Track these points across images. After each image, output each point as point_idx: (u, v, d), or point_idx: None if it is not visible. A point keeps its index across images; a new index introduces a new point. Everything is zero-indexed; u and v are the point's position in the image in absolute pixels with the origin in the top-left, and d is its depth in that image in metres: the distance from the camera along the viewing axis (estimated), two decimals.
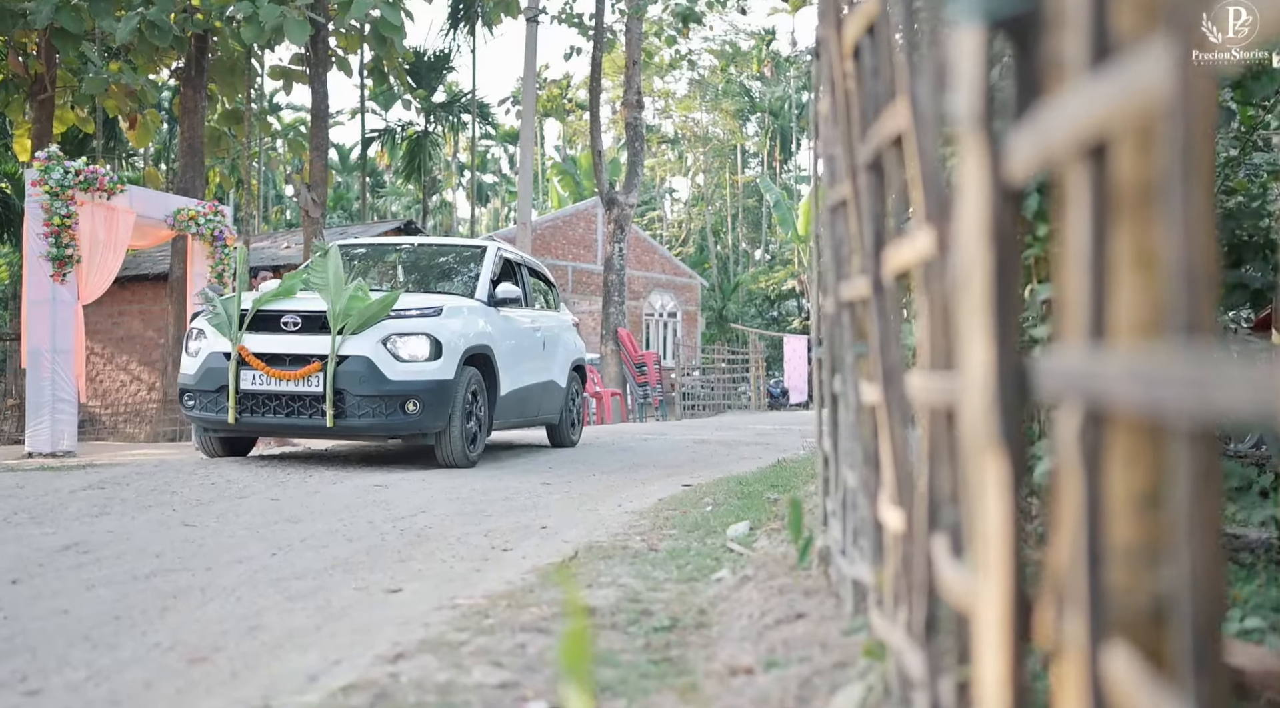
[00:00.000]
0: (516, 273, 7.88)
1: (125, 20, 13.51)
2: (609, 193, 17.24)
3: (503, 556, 3.37)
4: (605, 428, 13.23)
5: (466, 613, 2.39)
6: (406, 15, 14.80)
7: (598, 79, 16.96)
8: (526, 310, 7.68)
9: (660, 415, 17.67)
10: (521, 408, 7.43)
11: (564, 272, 26.91)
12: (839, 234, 1.56)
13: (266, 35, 13.17)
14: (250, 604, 2.58)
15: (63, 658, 2.04)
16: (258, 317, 6.20)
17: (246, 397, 6.05)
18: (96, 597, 2.61)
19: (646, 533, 3.65)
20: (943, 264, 0.85)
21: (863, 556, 1.58)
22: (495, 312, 6.93)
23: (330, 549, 3.43)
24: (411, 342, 6.02)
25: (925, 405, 0.94)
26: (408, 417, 5.96)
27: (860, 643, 1.56)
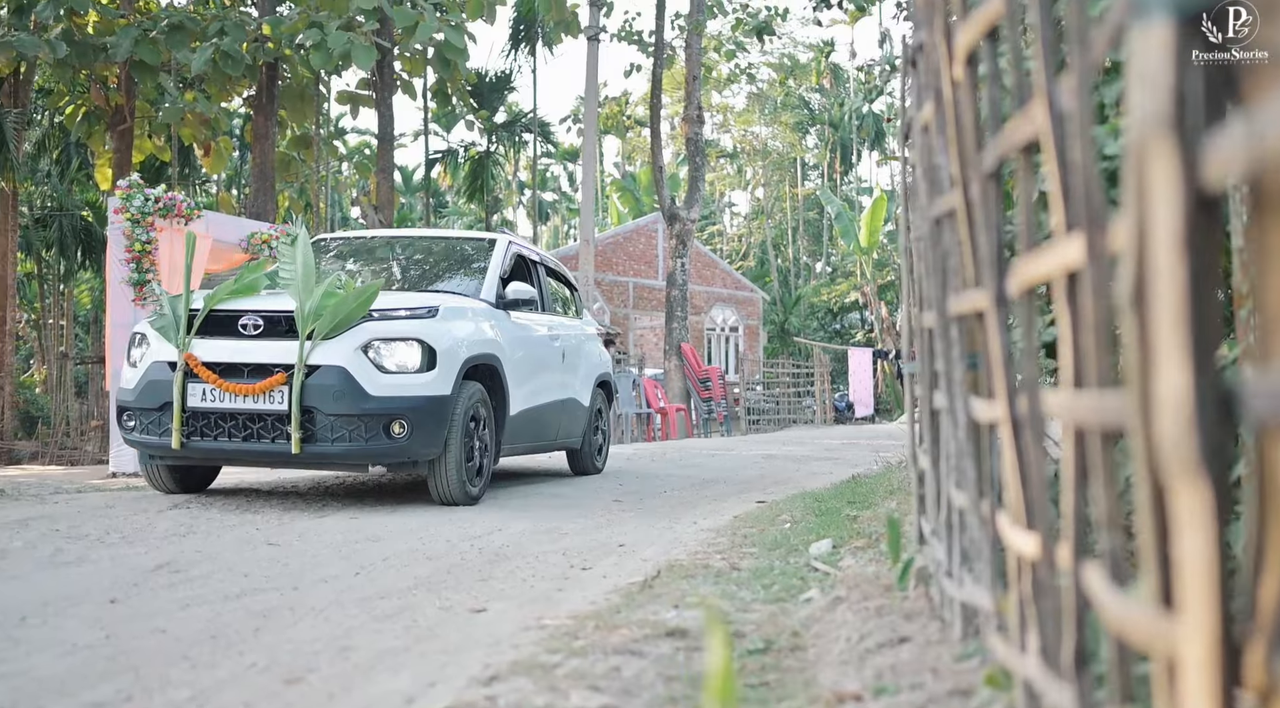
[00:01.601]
0: (532, 272, 6.75)
1: (200, 51, 13.93)
2: (670, 208, 17.25)
3: (582, 574, 3.35)
4: (671, 444, 13.18)
5: (554, 634, 2.37)
6: (469, 38, 15.02)
7: (658, 95, 17.01)
8: (543, 316, 6.66)
9: (725, 431, 17.58)
10: (537, 430, 6.26)
11: (625, 288, 26.99)
12: (945, 246, 1.51)
13: (334, 61, 13.48)
14: (339, 624, 2.59)
15: (164, 678, 2.06)
16: (211, 319, 5.09)
17: (195, 416, 4.92)
18: (191, 616, 2.64)
19: (726, 551, 3.60)
20: (1096, 275, 0.80)
21: (975, 579, 1.52)
22: (505, 315, 5.87)
23: (412, 568, 3.45)
24: (399, 349, 4.93)
25: (1072, 424, 0.89)
26: (393, 441, 4.82)
27: (976, 670, 1.50)
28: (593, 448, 7.38)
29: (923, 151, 1.71)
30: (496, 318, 5.76)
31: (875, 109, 34.61)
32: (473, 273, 6.18)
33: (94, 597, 2.86)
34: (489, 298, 5.85)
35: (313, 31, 13.39)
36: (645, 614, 2.47)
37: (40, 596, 2.88)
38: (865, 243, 26.26)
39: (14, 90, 17.23)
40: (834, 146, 35.14)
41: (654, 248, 27.93)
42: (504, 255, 6.27)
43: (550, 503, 5.48)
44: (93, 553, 3.60)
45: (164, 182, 19.31)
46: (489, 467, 5.52)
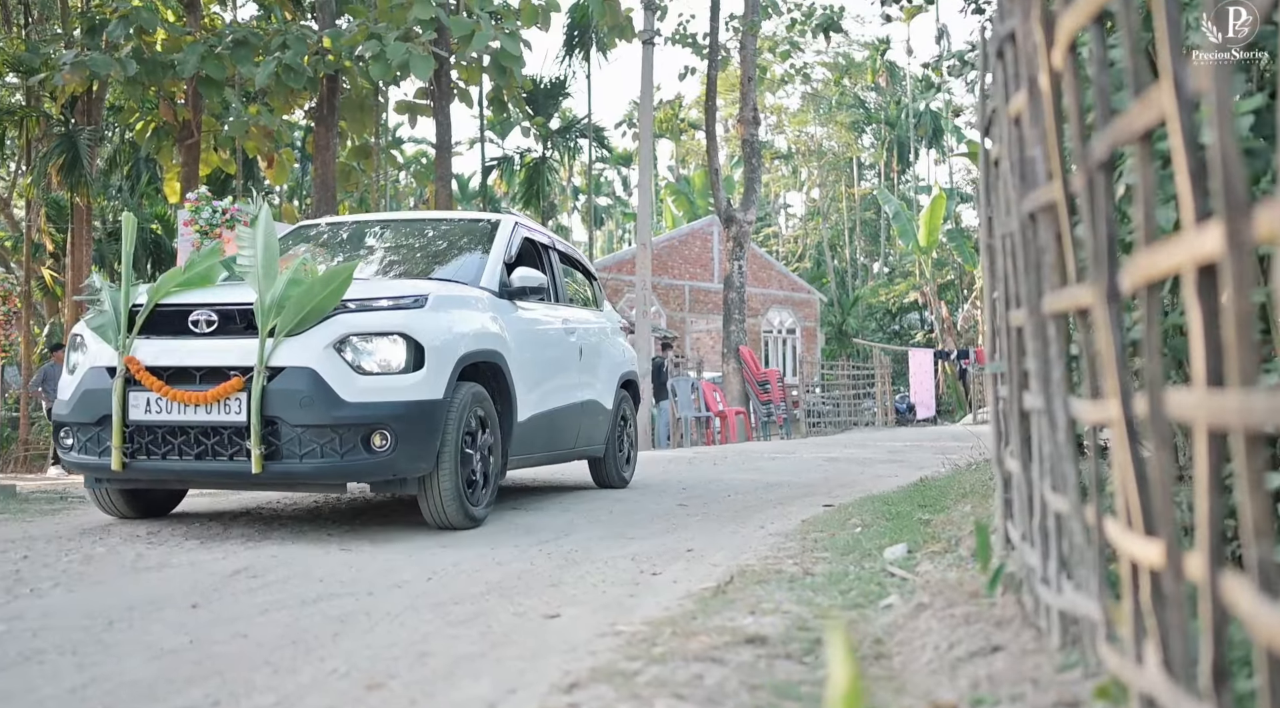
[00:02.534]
0: (543, 257, 6.01)
1: (264, 65, 14.23)
2: (727, 210, 17.18)
3: (653, 580, 3.32)
4: (731, 447, 13.12)
5: (631, 640, 2.35)
6: (525, 45, 15.13)
7: (713, 97, 16.96)
8: (557, 307, 5.89)
9: (785, 433, 17.44)
10: (551, 437, 5.51)
11: (681, 291, 26.97)
12: (1041, 242, 1.46)
13: (393, 72, 13.66)
14: (415, 630, 2.60)
15: (249, 682, 2.08)
16: (157, 315, 4.31)
17: (139, 431, 4.12)
18: (271, 621, 2.67)
19: (797, 556, 3.55)
20: (1237, 266, 0.76)
21: (1077, 586, 1.47)
22: (510, 306, 5.13)
23: (482, 574, 3.46)
24: (379, 345, 4.15)
25: (1206, 426, 0.84)
26: (373, 455, 4.05)
27: (1081, 681, 1.44)
28: (618, 457, 6.60)
29: (1011, 144, 1.66)
30: (500, 309, 4.99)
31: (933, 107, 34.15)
32: (474, 258, 5.32)
33: (176, 602, 2.90)
34: (491, 286, 5.05)
35: (372, 43, 13.59)
36: (722, 621, 2.44)
37: (125, 600, 2.94)
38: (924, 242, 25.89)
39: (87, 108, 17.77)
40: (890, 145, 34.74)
41: (709, 251, 27.87)
42: (509, 238, 5.46)
43: (615, 508, 5.47)
44: (173, 558, 3.67)
45: (229, 194, 19.76)
46: (494, 481, 4.73)
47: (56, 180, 17.59)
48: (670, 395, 14.92)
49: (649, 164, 14.74)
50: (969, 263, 26.38)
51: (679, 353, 22.46)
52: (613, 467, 6.58)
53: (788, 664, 2.03)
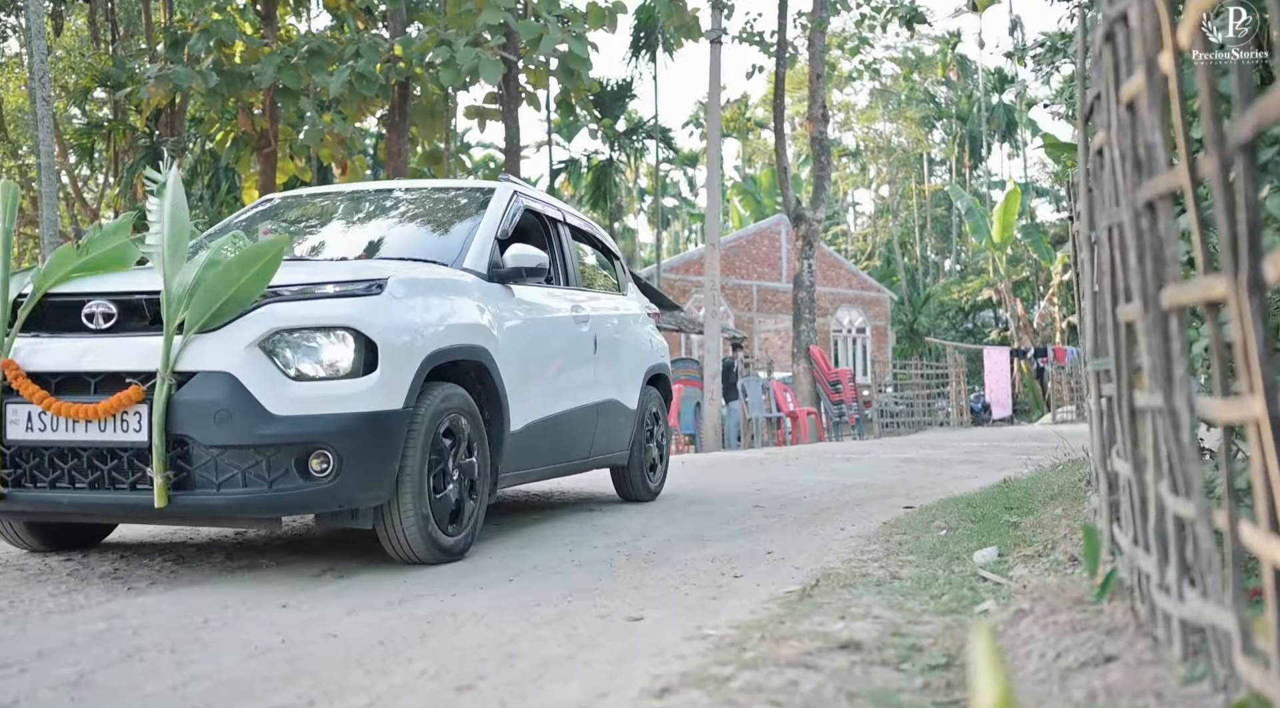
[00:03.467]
0: (552, 233, 5.17)
1: (338, 74, 14.51)
2: (796, 209, 17.03)
3: (735, 582, 3.29)
4: (803, 448, 12.98)
5: (719, 644, 2.31)
6: (592, 47, 15.19)
7: (781, 95, 16.83)
8: (566, 291, 5.03)
9: (857, 434, 17.22)
10: (556, 446, 4.69)
11: (748, 291, 26.82)
12: (1162, 231, 1.39)
13: (463, 77, 13.82)
14: (500, 631, 2.60)
15: (341, 683, 2.10)
16: (46, 307, 3.43)
17: (21, 453, 3.28)
18: (358, 622, 2.70)
19: (882, 559, 3.48)
20: None
21: (1204, 595, 1.39)
22: (502, 291, 4.26)
23: (563, 575, 3.46)
24: (320, 343, 3.28)
25: None
26: (311, 483, 3.20)
27: (1210, 695, 1.37)
28: (643, 465, 5.71)
29: (1122, 131, 1.59)
30: (488, 295, 4.11)
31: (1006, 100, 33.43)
32: (458, 234, 4.46)
33: (267, 602, 2.95)
34: (477, 267, 4.16)
35: (442, 49, 13.77)
36: (811, 625, 2.39)
37: (219, 599, 2.99)
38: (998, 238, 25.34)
39: (170, 120, 18.34)
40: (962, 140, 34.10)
41: (777, 250, 27.67)
42: (504, 210, 4.57)
43: (690, 510, 5.44)
44: (261, 559, 3.73)
45: None
46: (479, 504, 3.85)
47: (142, 191, 18.19)
48: (741, 396, 14.83)
49: (717, 164, 14.67)
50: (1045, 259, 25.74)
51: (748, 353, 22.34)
52: (638, 476, 5.68)
53: (884, 671, 1.97)
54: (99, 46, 19.88)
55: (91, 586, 3.26)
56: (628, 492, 5.76)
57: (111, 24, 20.01)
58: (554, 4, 14.92)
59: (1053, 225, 28.76)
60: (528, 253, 4.26)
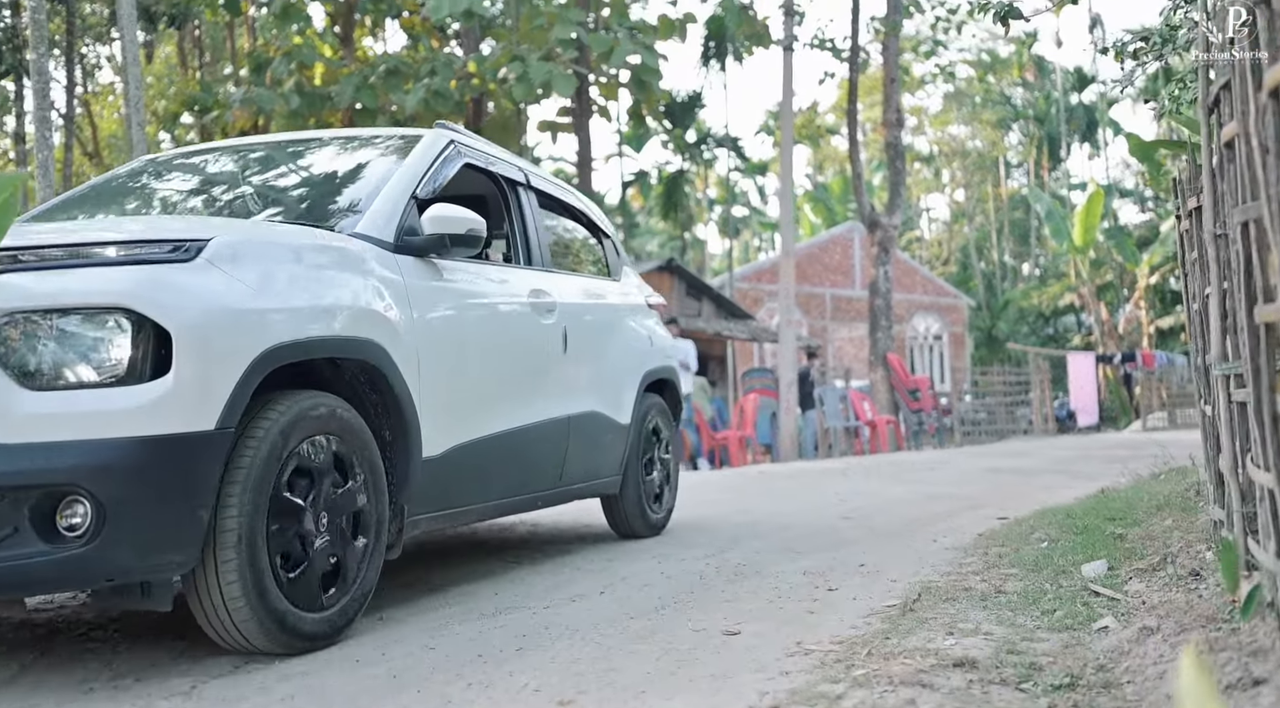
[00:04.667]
0: (509, 200, 3.99)
1: (413, 92, 14.77)
2: (871, 215, 16.80)
3: (830, 595, 3.21)
4: (882, 457, 12.76)
5: (824, 661, 2.25)
6: (662, 58, 15.21)
7: (854, 101, 16.65)
8: (524, 272, 3.86)
9: (937, 443, 16.87)
10: (502, 476, 3.55)
11: (821, 299, 26.55)
12: None
13: (535, 91, 13.96)
14: (595, 645, 2.57)
15: (444, 696, 2.09)
16: None
17: None
18: (455, 634, 2.70)
19: (982, 572, 3.36)
20: None
21: None
22: (418, 267, 3.17)
23: (654, 588, 3.42)
24: (79, 331, 2.22)
25: None
26: (61, 546, 2.12)
27: None
28: (644, 493, 4.58)
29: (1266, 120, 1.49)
30: (393, 270, 3.00)
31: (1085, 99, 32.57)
32: (357, 192, 3.36)
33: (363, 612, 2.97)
34: (378, 232, 3.07)
35: (515, 64, 13.93)
36: (919, 642, 2.31)
37: None
38: (1080, 241, 24.66)
39: None
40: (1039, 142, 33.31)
41: (850, 257, 27.35)
42: (432, 163, 3.45)
43: (773, 521, 5.36)
44: None
45: None
46: (369, 566, 2.77)
47: None
48: (818, 405, 14.65)
49: (790, 171, 14.55)
50: (1130, 261, 24.95)
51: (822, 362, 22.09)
52: (634, 506, 4.52)
53: (1005, 691, 1.89)
54: (187, 72, 20.58)
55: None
56: (622, 525, 4.58)
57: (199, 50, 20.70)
58: (625, 17, 14.98)
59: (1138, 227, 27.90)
60: (453, 215, 3.14)
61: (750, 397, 14.65)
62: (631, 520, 4.59)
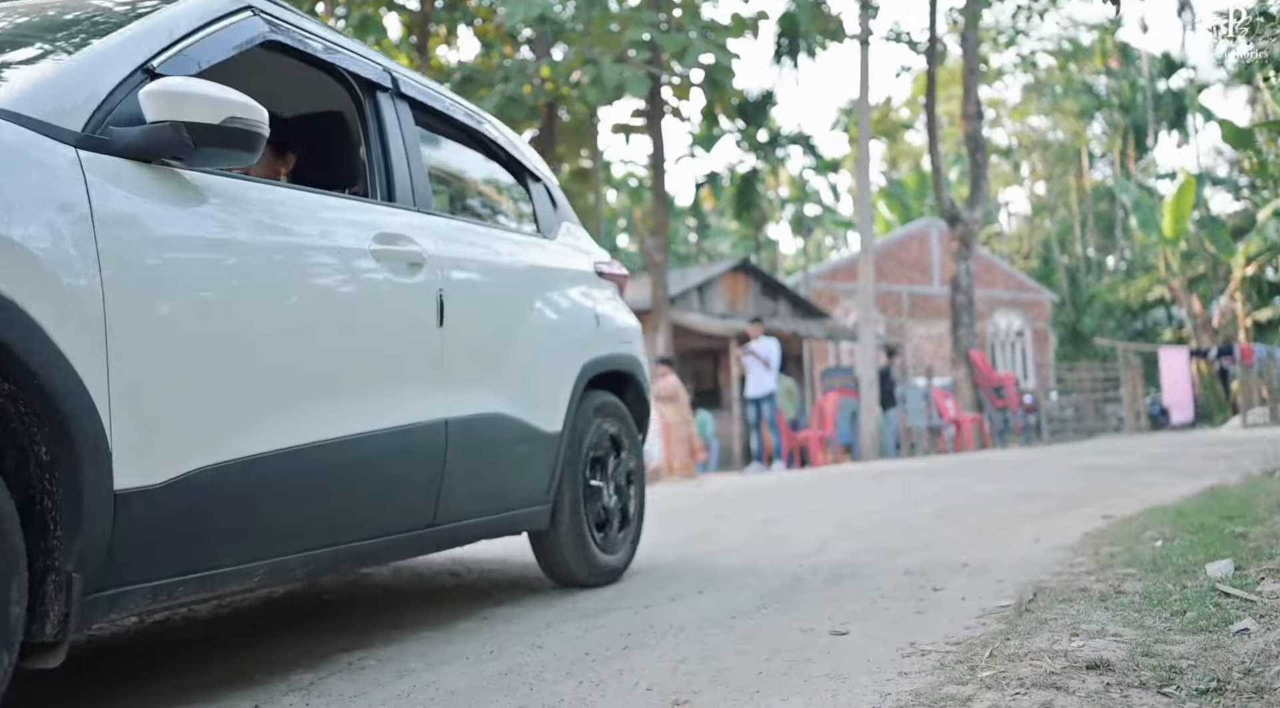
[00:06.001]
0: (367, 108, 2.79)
1: (488, 98, 14.92)
2: (950, 209, 16.46)
3: (936, 595, 3.12)
4: (968, 456, 12.48)
5: (943, 662, 2.18)
6: (735, 56, 15.11)
7: (932, 94, 16.33)
8: (373, 207, 2.66)
9: (1024, 441, 16.44)
10: (313, 516, 2.30)
11: (898, 297, 26.11)
12: None
13: (609, 94, 13.98)
14: (701, 644, 2.54)
15: (558, 695, 2.08)
16: None
17: None
18: (559, 632, 2.69)
19: (1097, 572, 3.24)
20: None
21: None
22: (125, 173, 1.89)
23: (750, 587, 3.37)
24: None
25: None
26: None
27: None
28: (587, 526, 3.37)
29: None
30: (61, 175, 1.78)
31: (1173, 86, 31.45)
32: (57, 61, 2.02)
33: (470, 613, 2.98)
34: (40, 111, 1.81)
35: (588, 68, 13.97)
36: (1043, 643, 2.22)
37: (416, 614, 3.04)
38: (1170, 232, 23.80)
39: None
40: (1125, 131, 32.27)
41: (927, 254, 26.83)
42: (189, 25, 2.21)
43: (863, 521, 5.26)
44: (460, 570, 3.80)
45: None
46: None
47: None
48: (899, 403, 14.39)
49: (867, 167, 14.33)
50: (1224, 252, 23.97)
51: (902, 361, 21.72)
52: (570, 543, 3.30)
53: (1145, 695, 1.80)
54: None
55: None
56: (556, 568, 3.37)
57: None
58: (697, 16, 14.92)
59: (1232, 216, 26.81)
60: (200, 92, 1.93)
61: (830, 396, 14.46)
62: (569, 563, 3.32)
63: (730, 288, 21.30)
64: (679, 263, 34.25)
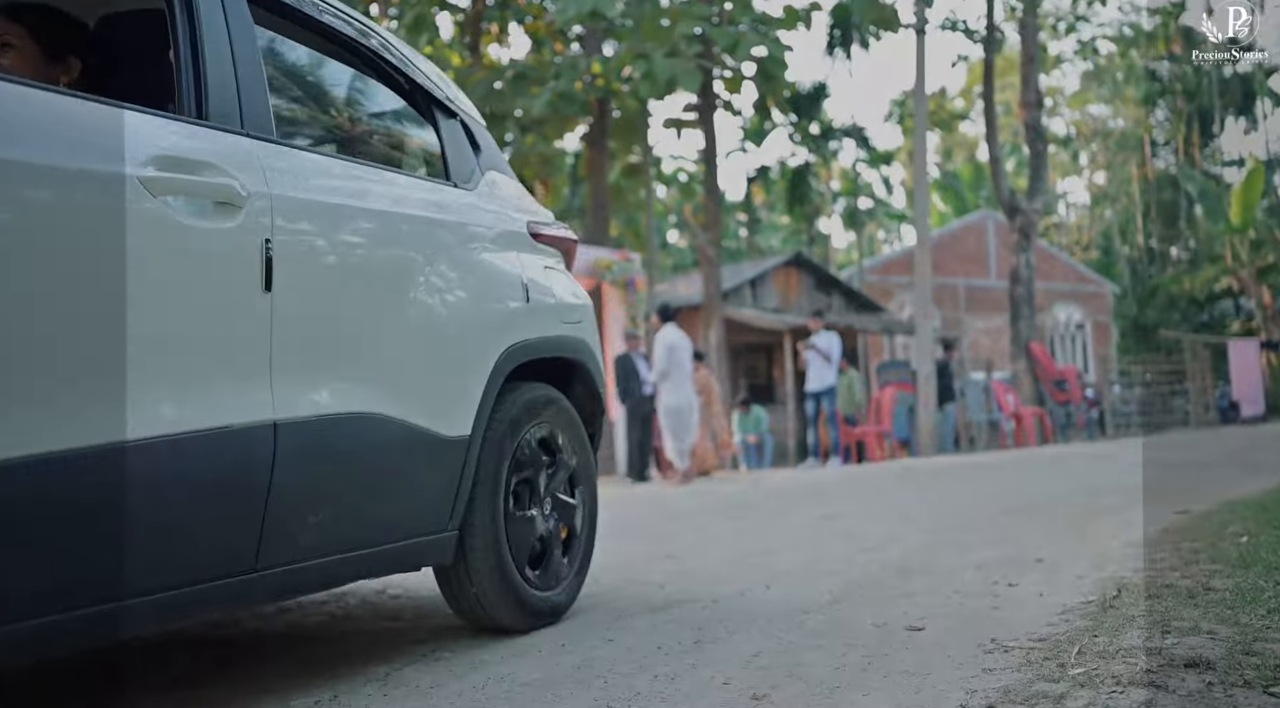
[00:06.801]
0: (199, 9, 2.03)
1: (540, 95, 14.97)
2: (1010, 200, 16.15)
3: (1011, 591, 3.04)
4: (1031, 451, 12.23)
5: (1029, 659, 2.11)
6: (787, 49, 14.97)
7: (990, 82, 16.04)
8: (144, 117, 1.83)
9: (1088, 436, 16.08)
10: (30, 565, 1.55)
11: (954, 290, 25.69)
12: None
13: (662, 89, 13.93)
14: (775, 638, 2.50)
15: (633, 689, 2.05)
16: None
17: None
18: (628, 626, 2.66)
19: (1181, 568, 3.13)
20: None
21: None
22: None
23: (819, 582, 3.32)
24: None
25: None
26: None
27: None
28: (510, 556, 2.59)
29: None
30: None
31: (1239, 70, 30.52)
32: None
33: None
34: None
35: (640, 62, 13.93)
36: (1134, 640, 2.14)
37: None
38: (1237, 222, 23.11)
39: None
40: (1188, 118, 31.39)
41: (985, 246, 26.38)
42: None
43: (929, 516, 5.17)
44: None
45: None
46: None
47: None
48: (958, 398, 14.15)
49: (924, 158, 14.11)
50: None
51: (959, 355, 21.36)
52: (492, 579, 2.54)
53: (1252, 695, 1.72)
54: None
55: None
56: (470, 609, 2.58)
57: None
58: (749, 9, 14.80)
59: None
60: None
61: (887, 391, 14.28)
62: (487, 604, 2.53)
63: (783, 282, 21.14)
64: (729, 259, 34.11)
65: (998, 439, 14.33)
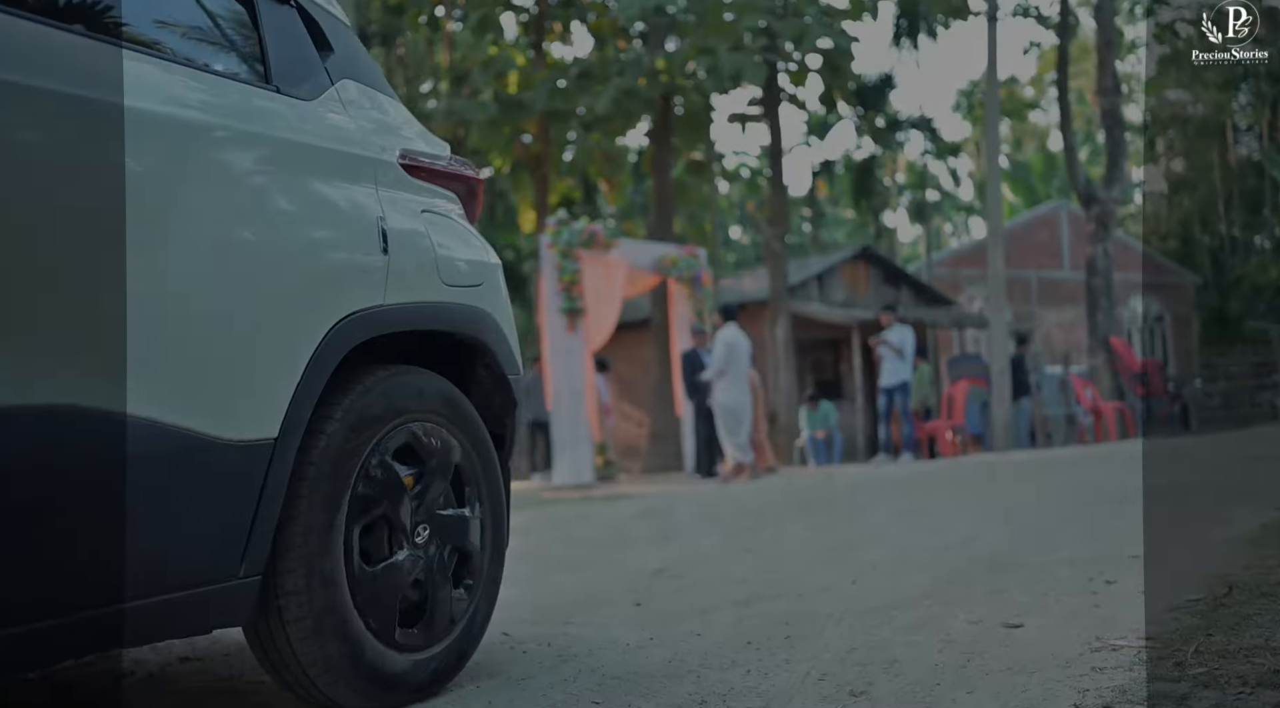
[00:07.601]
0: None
1: (604, 92, 14.96)
2: (1086, 189, 15.71)
3: (1110, 588, 2.93)
4: (1111, 447, 11.87)
5: (1141, 657, 2.01)
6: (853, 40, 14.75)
7: (1064, 69, 15.61)
8: None
9: (1170, 431, 15.58)
10: None
11: (1026, 282, 25.10)
12: None
13: (726, 83, 13.83)
14: (866, 634, 2.43)
15: (727, 683, 2.00)
16: None
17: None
18: (716, 621, 2.62)
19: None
20: None
21: None
22: None
23: (905, 577, 3.23)
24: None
25: None
26: None
27: None
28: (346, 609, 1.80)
29: None
30: None
31: None
32: None
33: (617, 599, 2.94)
34: None
35: (704, 57, 13.85)
36: (1255, 640, 2.04)
37: (571, 597, 3.02)
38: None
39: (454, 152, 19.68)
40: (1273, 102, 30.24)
41: (1057, 237, 25.74)
42: None
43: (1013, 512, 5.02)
44: (597, 556, 3.78)
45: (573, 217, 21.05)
46: None
47: None
48: (1034, 391, 13.80)
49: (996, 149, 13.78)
50: None
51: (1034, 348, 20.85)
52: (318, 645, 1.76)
53: None
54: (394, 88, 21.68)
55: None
56: (295, 680, 1.81)
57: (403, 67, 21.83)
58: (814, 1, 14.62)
59: None
60: None
61: (959, 385, 13.98)
62: (314, 674, 1.79)
63: (850, 276, 20.86)
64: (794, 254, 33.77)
65: (1075, 434, 13.94)
